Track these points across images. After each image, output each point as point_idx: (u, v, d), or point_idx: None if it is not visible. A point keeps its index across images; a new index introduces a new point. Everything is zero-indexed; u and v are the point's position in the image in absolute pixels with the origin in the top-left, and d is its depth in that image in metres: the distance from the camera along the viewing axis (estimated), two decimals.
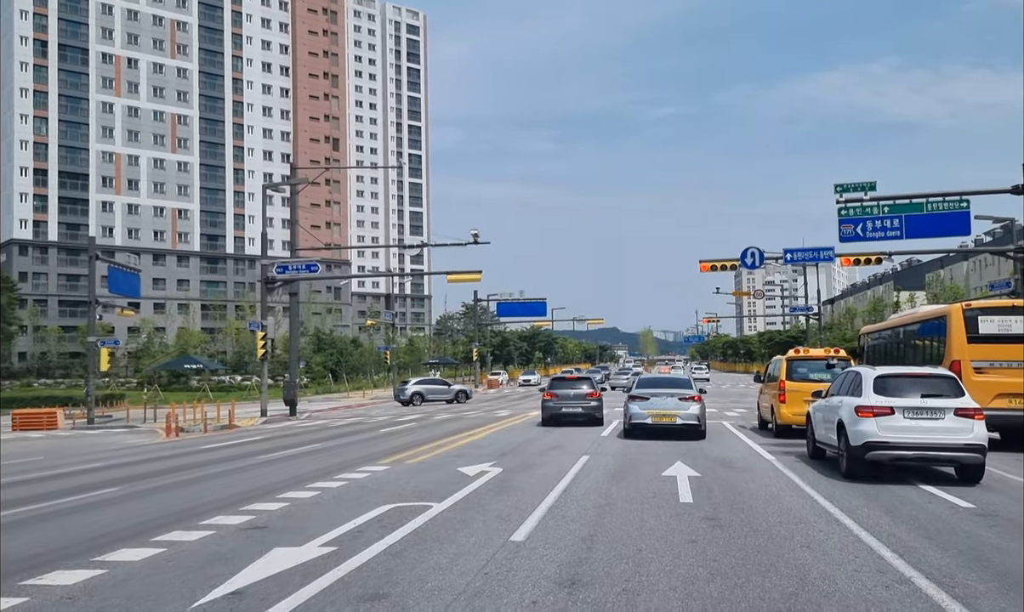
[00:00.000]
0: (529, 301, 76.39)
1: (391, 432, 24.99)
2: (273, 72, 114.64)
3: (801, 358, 20.62)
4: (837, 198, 32.55)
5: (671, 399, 19.62)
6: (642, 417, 19.56)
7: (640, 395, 19.94)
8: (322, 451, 19.02)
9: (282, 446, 20.88)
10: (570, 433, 21.76)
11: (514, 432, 22.75)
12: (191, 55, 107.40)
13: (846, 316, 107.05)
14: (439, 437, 21.65)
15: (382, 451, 18.07)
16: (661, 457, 15.73)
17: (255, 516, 9.96)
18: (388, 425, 28.81)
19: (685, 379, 21.27)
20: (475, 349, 73.81)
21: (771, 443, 18.84)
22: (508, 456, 16.22)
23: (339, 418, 36.39)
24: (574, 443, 18.86)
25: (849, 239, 32.37)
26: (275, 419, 35.58)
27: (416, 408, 42.95)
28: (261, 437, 24.97)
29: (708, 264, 34.35)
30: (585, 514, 9.71)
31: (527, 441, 19.64)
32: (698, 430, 19.59)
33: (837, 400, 13.75)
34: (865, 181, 32.50)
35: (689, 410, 19.43)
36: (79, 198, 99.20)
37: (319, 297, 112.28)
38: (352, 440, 22.19)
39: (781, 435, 20.38)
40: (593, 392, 24.46)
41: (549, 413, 24.47)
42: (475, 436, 21.65)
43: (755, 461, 15.22)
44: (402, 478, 13.26)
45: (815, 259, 33.05)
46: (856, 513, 9.76)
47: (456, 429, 24.71)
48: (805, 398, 19.84)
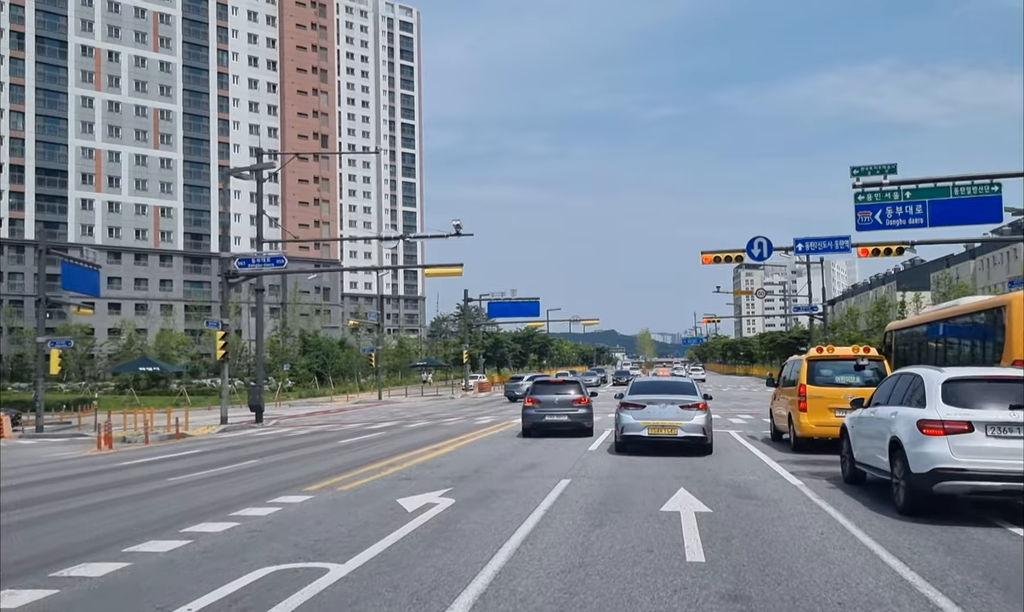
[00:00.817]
0: (521, 301, 73.28)
1: (351, 443, 21.82)
2: (260, 67, 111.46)
3: (825, 358, 17.45)
4: (854, 182, 29.44)
5: (671, 407, 16.45)
6: (636, 429, 16.39)
7: (634, 402, 16.76)
8: (253, 470, 15.84)
9: (215, 463, 17.69)
10: (552, 446, 18.58)
11: (488, 445, 19.57)
12: (174, 49, 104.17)
13: (848, 317, 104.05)
14: (399, 451, 18.48)
15: (321, 471, 14.90)
16: (659, 482, 12.56)
17: (58, 590, 6.77)
18: (354, 434, 25.64)
19: (687, 383, 18.08)
20: (465, 351, 70.57)
21: (791, 460, 15.68)
22: (468, 480, 13.04)
23: (308, 425, 33.25)
24: (554, 461, 15.69)
25: (867, 227, 29.27)
26: (235, 427, 32.41)
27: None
28: (201, 450, 21.77)
29: (711, 255, 31.19)
30: (547, 587, 6.54)
31: (498, 458, 16.45)
32: (704, 444, 16.44)
33: (888, 411, 10.58)
34: (885, 163, 29.41)
35: (693, 420, 16.26)
36: (57, 195, 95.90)
37: (307, 298, 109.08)
38: (300, 454, 19.01)
39: (801, 449, 17.24)
40: (581, 398, 21.28)
41: (530, 422, 21.30)
42: (440, 450, 18.47)
43: (778, 487, 12.05)
44: (317, 515, 10.09)
45: (829, 250, 29.91)
46: (945, 581, 6.61)
47: (424, 441, 21.53)
48: (831, 405, 16.74)
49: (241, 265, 33.66)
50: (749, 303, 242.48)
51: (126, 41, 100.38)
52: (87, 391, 70.32)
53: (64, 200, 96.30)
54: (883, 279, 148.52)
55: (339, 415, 42.29)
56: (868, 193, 29.24)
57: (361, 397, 70.02)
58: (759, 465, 14.98)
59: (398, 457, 17.04)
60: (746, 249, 30.46)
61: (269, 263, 33.46)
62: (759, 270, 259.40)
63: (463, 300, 70.95)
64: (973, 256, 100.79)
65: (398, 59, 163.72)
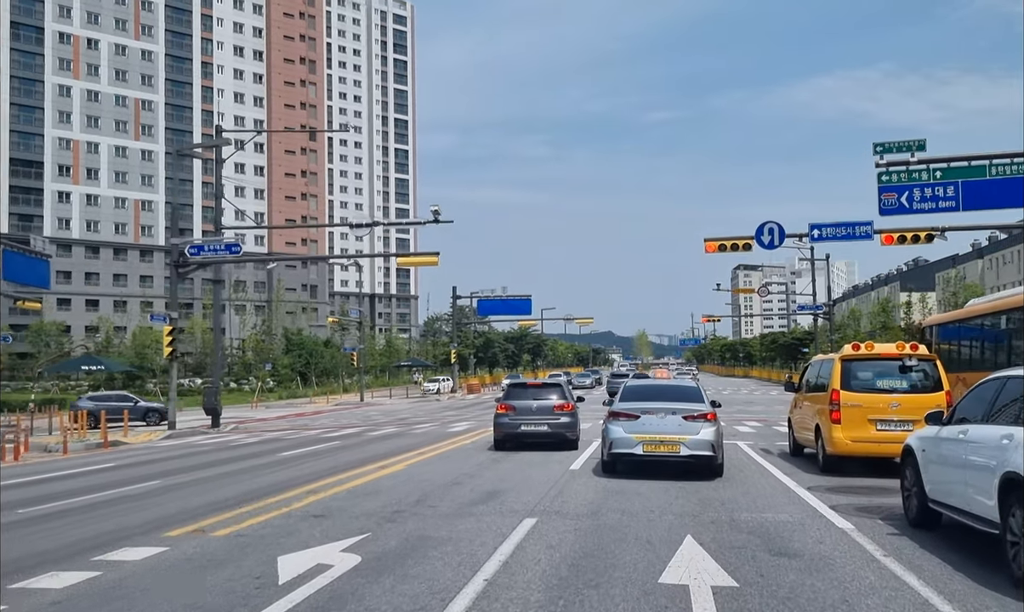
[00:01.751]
0: (512, 298, 69.79)
1: (294, 456, 18.45)
2: (245, 57, 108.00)
3: (863, 357, 14.09)
4: (877, 160, 26.15)
5: (672, 419, 13.07)
6: (628, 445, 13.02)
7: (626, 412, 13.38)
8: (139, 497, 12.47)
9: (110, 483, 14.34)
10: (526, 464, 15.21)
11: (448, 462, 16.19)
12: (156, 37, 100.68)
13: (851, 317, 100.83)
14: (339, 469, 15.11)
15: (218, 501, 11.53)
16: (657, 523, 9.21)
17: None
18: (308, 443, 22.29)
19: (692, 388, 14.63)
20: (453, 350, 67.16)
21: (825, 487, 12.35)
22: (399, 520, 9.66)
23: (267, 431, 29.90)
24: (523, 486, 12.32)
25: (891, 212, 25.99)
26: (183, 433, 29.01)
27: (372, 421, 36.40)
28: (116, 463, 18.39)
29: (715, 243, 27.81)
30: None
31: (453, 481, 13.07)
32: (713, 465, 13.11)
33: (993, 434, 7.23)
34: (912, 139, 26.10)
35: (699, 435, 12.90)
36: (33, 187, 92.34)
37: (292, 295, 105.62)
38: (221, 471, 15.63)
39: (832, 469, 13.92)
40: (564, 404, 17.89)
41: (503, 433, 17.92)
42: (388, 468, 15.09)
43: (823, 534, 8.70)
44: (140, 587, 6.72)
45: (849, 237, 26.54)
46: None
47: (377, 454, 18.16)
48: (871, 416, 13.43)
49: (193, 252, 30.31)
50: (747, 304, 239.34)
51: (106, 28, 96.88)
52: (55, 392, 67.04)
53: (40, 192, 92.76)
54: (885, 279, 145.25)
55: (310, 418, 39.00)
56: (893, 173, 25.96)
57: (343, 399, 66.61)
58: (786, 494, 11.63)
59: (330, 479, 13.68)
60: (755, 236, 27.13)
61: (224, 250, 30.06)
62: (758, 271, 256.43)
63: (451, 297, 67.54)
64: (981, 255, 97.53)
65: (391, 53, 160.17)
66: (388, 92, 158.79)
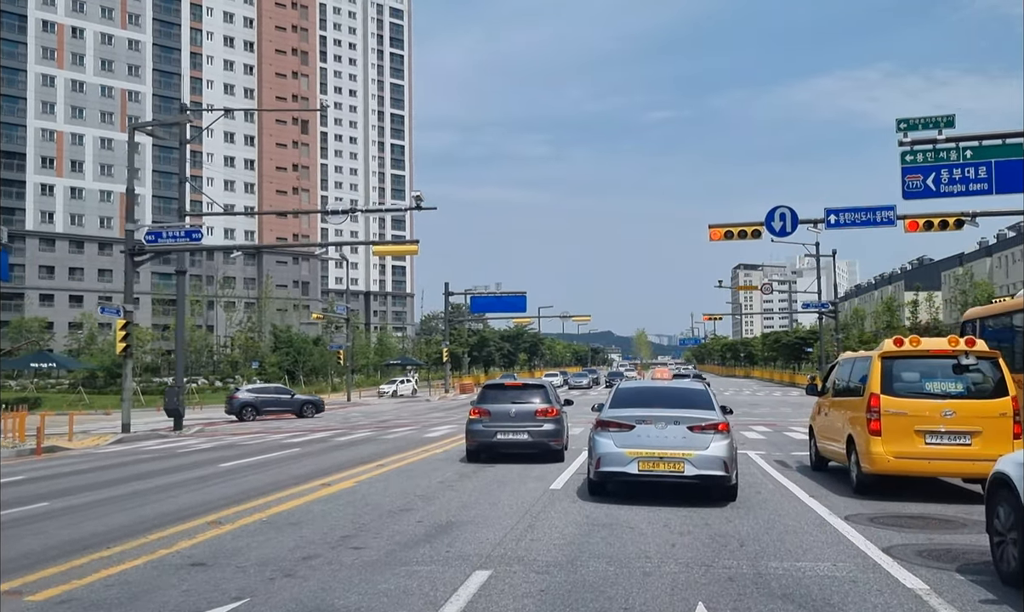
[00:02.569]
0: (507, 294, 67.33)
1: (239, 467, 15.92)
2: (236, 47, 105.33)
3: (908, 355, 11.53)
4: (900, 138, 23.63)
5: (674, 429, 10.51)
6: (620, 462, 10.47)
7: (618, 420, 10.79)
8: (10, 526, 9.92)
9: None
10: (498, 482, 12.67)
11: (407, 477, 13.63)
12: (144, 26, 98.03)
13: (854, 317, 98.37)
14: (275, 487, 12.56)
15: (78, 539, 8.97)
16: (655, 583, 6.67)
17: None
18: (265, 450, 19.78)
19: (699, 391, 11.90)
20: (445, 349, 64.57)
21: (866, 515, 9.83)
22: (300, 573, 7.09)
23: (232, 434, 27.54)
24: (485, 517, 9.77)
25: (916, 195, 23.49)
26: (138, 437, 26.53)
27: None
28: (21, 477, 15.84)
29: (720, 230, 25.23)
30: None
31: (402, 507, 10.50)
32: (725, 487, 10.57)
33: None
34: (940, 114, 23.58)
35: (709, 450, 10.34)
36: (15, 180, 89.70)
37: (284, 292, 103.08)
38: (130, 490, 13.06)
39: (868, 490, 11.43)
40: (548, 409, 15.33)
41: (477, 442, 15.37)
42: (334, 486, 12.53)
43: (886, 602, 6.16)
44: None
45: (869, 222, 24.00)
46: None
47: (330, 466, 15.62)
48: (919, 427, 10.94)
49: (150, 240, 27.79)
50: (747, 303, 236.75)
51: (91, 17, 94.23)
52: (31, 391, 64.59)
53: (22, 185, 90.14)
54: (889, 279, 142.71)
55: (281, 421, 36.53)
56: (918, 152, 23.46)
57: (331, 398, 63.98)
58: (819, 527, 9.10)
59: (255, 501, 11.12)
60: (765, 222, 24.58)
61: (183, 237, 27.54)
62: (759, 271, 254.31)
63: (443, 293, 64.96)
64: (990, 253, 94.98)
65: (388, 47, 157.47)
66: (384, 86, 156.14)
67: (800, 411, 35.66)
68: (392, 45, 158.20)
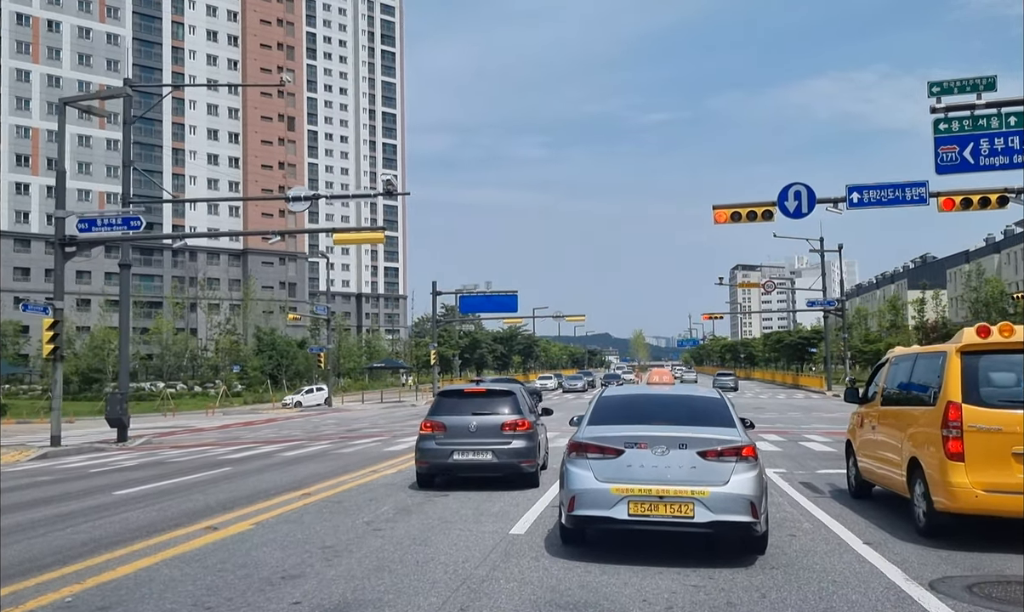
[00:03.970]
0: (497, 294, 64.07)
1: (132, 496, 12.81)
2: (219, 41, 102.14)
3: (999, 348, 8.41)
4: (933, 104, 20.58)
5: (680, 455, 7.34)
6: (602, 503, 7.31)
7: (600, 443, 7.60)
8: None
9: None
10: (440, 524, 9.51)
11: (327, 514, 10.46)
12: (123, 19, 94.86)
13: (857, 316, 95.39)
14: (142, 533, 9.42)
15: None
16: None
17: None
18: (189, 471, 16.68)
19: (711, 401, 8.59)
20: (432, 351, 61.35)
21: (959, 579, 6.74)
22: None
23: (177, 446, 24.45)
24: (400, 591, 6.61)
25: (950, 169, 20.48)
26: (67, 450, 23.43)
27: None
28: None
29: (726, 212, 22.10)
30: None
31: (288, 571, 7.33)
32: (751, 538, 7.42)
33: None
34: (978, 76, 20.51)
35: (729, 486, 7.18)
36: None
37: (270, 294, 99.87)
38: None
39: (942, 533, 8.35)
40: (518, 421, 12.16)
41: (428, 463, 12.21)
42: (225, 530, 9.34)
43: None
44: None
45: (897, 201, 20.91)
46: None
47: (249, 493, 12.52)
48: (1020, 448, 7.85)
49: (82, 228, 24.66)
50: (746, 302, 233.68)
51: (68, 10, 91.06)
52: (2, 397, 61.68)
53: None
54: (891, 277, 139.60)
55: (251, 429, 33.69)
56: (953, 119, 20.43)
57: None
58: (898, 605, 5.99)
59: (83, 563, 7.97)
60: (777, 202, 21.50)
61: (121, 225, 24.42)
62: (757, 271, 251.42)
63: (431, 293, 61.81)
64: (998, 250, 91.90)
65: (379, 45, 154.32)
66: (376, 85, 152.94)
67: (810, 416, 32.61)
68: (384, 42, 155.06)
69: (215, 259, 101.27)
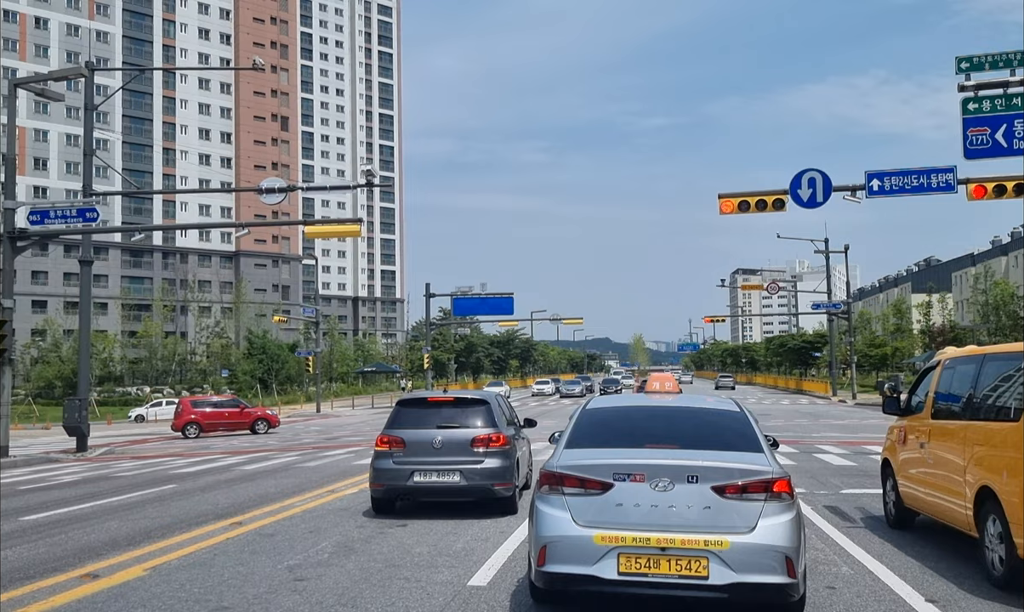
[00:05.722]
0: (492, 296, 62.11)
1: (24, 527, 10.84)
2: (211, 40, 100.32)
3: None
4: (962, 81, 18.69)
5: (687, 491, 5.44)
6: (583, 556, 5.40)
7: (583, 474, 5.67)
8: None
9: None
10: (384, 569, 7.52)
11: (252, 552, 8.47)
12: (113, 17, 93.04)
13: (860, 320, 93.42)
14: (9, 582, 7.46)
15: None
16: None
17: None
18: (134, 488, 14.74)
19: (728, 415, 6.55)
20: (426, 355, 59.41)
21: None
22: None
23: (137, 457, 22.61)
24: None
25: (981, 153, 18.59)
26: (14, 462, 21.55)
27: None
28: None
29: (733, 201, 20.11)
30: None
31: None
32: (792, 601, 5.43)
33: None
34: (1012, 51, 18.62)
35: (755, 534, 5.27)
36: None
37: (263, 296, 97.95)
38: None
39: (1022, 585, 6.39)
40: (492, 436, 10.19)
41: (385, 486, 10.22)
42: (110, 577, 7.38)
43: None
44: None
45: (922, 188, 18.98)
46: None
47: (176, 519, 10.56)
48: None
49: (34, 220, 22.75)
50: (746, 303, 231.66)
51: (56, 7, 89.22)
52: None
53: None
54: (895, 281, 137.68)
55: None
56: (983, 99, 18.52)
57: (302, 409, 59.00)
58: None
59: None
60: (789, 190, 19.55)
61: (76, 217, 22.49)
62: (757, 275, 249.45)
63: (424, 295, 59.88)
64: (1005, 252, 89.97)
65: (376, 45, 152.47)
66: (373, 86, 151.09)
67: (819, 423, 30.67)
68: (381, 43, 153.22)
69: (206, 261, 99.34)
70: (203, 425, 33.50)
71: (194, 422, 33.39)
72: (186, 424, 33.25)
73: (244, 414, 35.03)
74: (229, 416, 34.63)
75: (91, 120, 26.39)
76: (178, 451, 25.22)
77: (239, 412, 35.14)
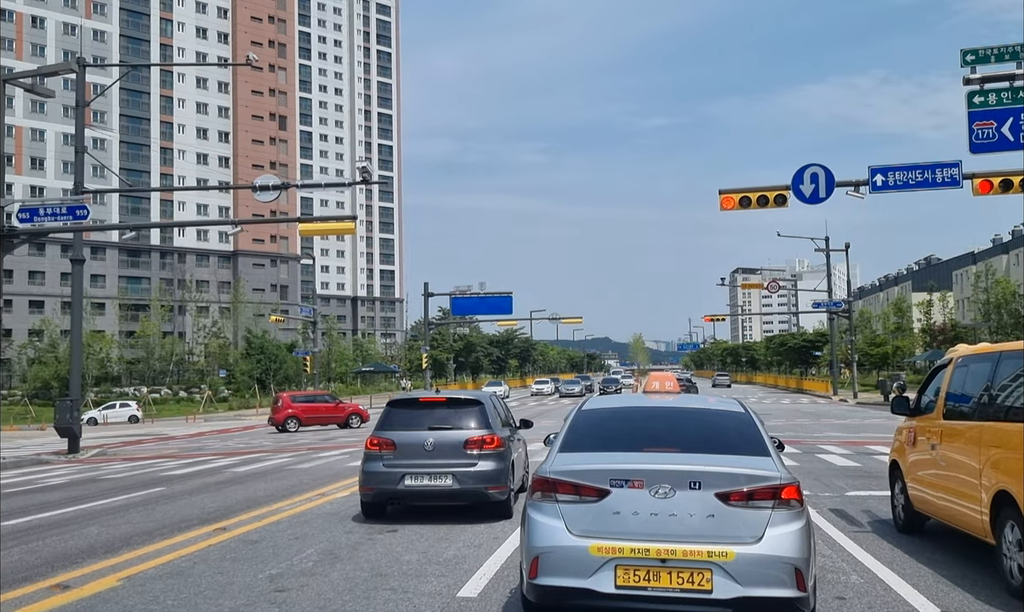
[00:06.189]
0: (491, 295, 61.73)
1: (11, 530, 10.48)
2: (209, 38, 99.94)
3: None
4: (967, 74, 18.32)
5: (689, 498, 5.10)
6: (577, 567, 5.05)
7: (577, 480, 5.33)
8: None
9: None
10: (365, 586, 7.12)
11: (233, 561, 8.12)
12: (110, 16, 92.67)
13: (860, 319, 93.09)
14: None
15: None
16: None
17: None
18: (118, 491, 14.41)
19: (733, 416, 6.18)
20: (424, 354, 59.09)
21: None
22: None
23: (128, 459, 22.24)
24: None
25: (987, 147, 18.22)
26: (6, 463, 21.20)
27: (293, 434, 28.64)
28: None
29: (734, 197, 19.75)
30: None
31: None
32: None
33: None
34: (1019, 43, 18.27)
35: (762, 544, 4.93)
36: None
37: (261, 296, 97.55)
38: None
39: None
40: (486, 438, 9.84)
41: (375, 489, 9.89)
42: (68, 594, 7.03)
43: None
44: None
45: (927, 183, 18.63)
46: None
47: (158, 525, 10.22)
48: None
49: (23, 218, 22.41)
50: (746, 301, 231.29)
51: (53, 5, 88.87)
52: None
53: None
54: (895, 280, 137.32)
55: (224, 438, 31.69)
56: (989, 92, 18.16)
57: None
58: None
59: None
60: (791, 185, 19.20)
61: (66, 215, 22.16)
62: (757, 274, 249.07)
63: (423, 294, 59.55)
64: (1006, 250, 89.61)
65: (375, 45, 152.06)
66: (371, 85, 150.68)
67: (820, 422, 30.33)
68: (380, 42, 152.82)
69: (204, 261, 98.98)
70: (302, 419, 33.60)
71: (294, 416, 33.32)
72: (287, 418, 33.18)
73: (339, 408, 35.39)
74: (325, 410, 34.82)
75: (83, 117, 26.04)
76: (170, 453, 24.87)
77: (334, 407, 35.48)
